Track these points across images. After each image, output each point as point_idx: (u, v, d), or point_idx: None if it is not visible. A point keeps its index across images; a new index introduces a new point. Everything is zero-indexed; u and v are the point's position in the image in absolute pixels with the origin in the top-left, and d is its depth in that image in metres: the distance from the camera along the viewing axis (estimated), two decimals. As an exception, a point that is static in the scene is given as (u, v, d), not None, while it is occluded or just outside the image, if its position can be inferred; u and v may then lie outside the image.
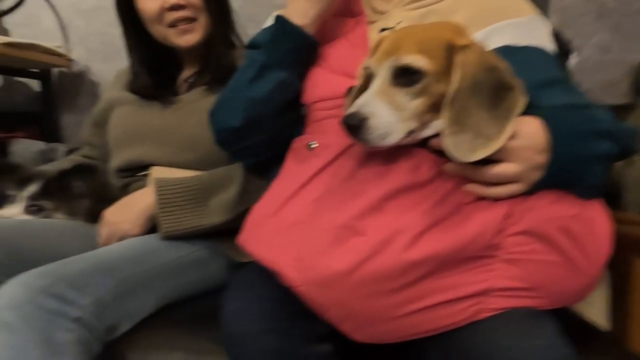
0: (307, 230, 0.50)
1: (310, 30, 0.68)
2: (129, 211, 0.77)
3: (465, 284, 0.47)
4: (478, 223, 0.46)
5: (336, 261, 0.46)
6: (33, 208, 0.78)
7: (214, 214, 0.77)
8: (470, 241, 0.46)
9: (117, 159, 0.91)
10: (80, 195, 0.82)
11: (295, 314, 0.49)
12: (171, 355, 0.58)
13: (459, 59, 0.45)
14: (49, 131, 1.61)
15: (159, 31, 0.88)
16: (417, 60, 0.45)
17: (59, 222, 0.79)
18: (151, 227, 0.81)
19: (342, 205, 0.50)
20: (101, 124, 1.00)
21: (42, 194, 0.79)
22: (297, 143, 0.71)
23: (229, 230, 0.81)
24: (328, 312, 0.47)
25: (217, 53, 0.89)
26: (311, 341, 0.48)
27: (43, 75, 1.56)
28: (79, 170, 0.82)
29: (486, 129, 0.43)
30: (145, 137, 0.89)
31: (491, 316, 0.47)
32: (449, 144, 0.44)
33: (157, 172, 0.88)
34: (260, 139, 0.72)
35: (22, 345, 0.48)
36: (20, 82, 1.67)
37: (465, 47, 0.46)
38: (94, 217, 0.82)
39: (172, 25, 0.86)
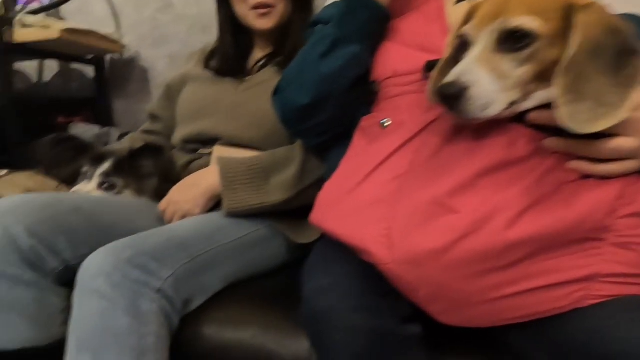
0: (394, 207, 0.48)
1: (384, 1, 0.65)
2: (191, 191, 0.78)
3: (569, 268, 0.43)
4: (587, 203, 0.43)
5: (428, 239, 0.44)
6: (105, 185, 0.81)
7: (275, 193, 0.77)
8: (578, 222, 0.43)
9: (185, 130, 0.92)
10: (149, 175, 0.83)
11: (383, 293, 0.47)
12: (246, 331, 0.58)
13: (580, 19, 0.40)
14: (102, 116, 1.67)
15: (241, 11, 0.92)
16: (529, 22, 0.41)
17: (130, 199, 0.82)
18: (210, 208, 0.83)
19: (430, 183, 0.47)
20: (172, 97, 1.02)
21: (113, 172, 0.81)
22: (367, 121, 0.69)
23: (286, 211, 0.82)
24: (417, 292, 0.45)
25: (294, 39, 0.91)
26: (401, 320, 0.46)
27: (97, 61, 1.62)
28: (148, 150, 0.84)
29: (608, 97, 0.39)
30: (214, 111, 0.90)
31: (596, 304, 0.43)
32: (564, 114, 0.41)
33: (219, 152, 0.89)
34: (326, 118, 0.70)
35: (112, 312, 0.50)
36: (75, 69, 1.74)
37: (586, 7, 0.41)
38: (160, 195, 0.84)
39: (254, 7, 0.90)
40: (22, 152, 1.29)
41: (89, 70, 1.68)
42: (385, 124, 0.64)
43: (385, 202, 0.48)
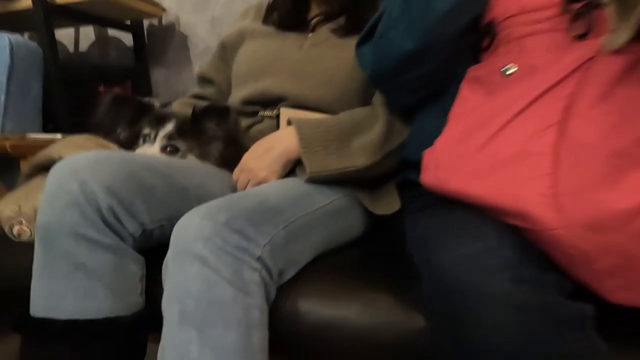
0: (558, 160, 0.39)
1: None
2: (266, 157, 0.70)
3: None
4: None
5: (616, 198, 0.35)
6: (169, 148, 0.74)
7: (359, 156, 0.69)
8: None
9: (244, 90, 0.84)
10: (213, 138, 0.76)
11: (542, 265, 0.39)
12: (349, 307, 0.52)
13: None
14: (141, 86, 1.61)
15: None
16: None
17: (197, 163, 0.75)
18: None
19: (608, 131, 0.39)
20: (227, 56, 0.94)
21: (177, 135, 0.73)
22: (480, 70, 0.59)
23: (363, 179, 0.74)
24: (594, 263, 0.37)
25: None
26: (568, 297, 0.38)
27: (135, 28, 1.55)
28: (213, 111, 0.76)
29: None
30: (278, 69, 0.82)
31: None
32: None
33: (287, 115, 0.81)
34: (430, 69, 0.61)
35: (216, 281, 0.43)
36: (113, 37, 1.67)
37: None
38: (225, 161, 0.77)
39: None
40: (69, 120, 1.25)
41: (127, 38, 1.62)
42: (509, 71, 0.55)
43: (543, 155, 0.40)
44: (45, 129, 1.18)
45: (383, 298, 0.52)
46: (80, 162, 0.52)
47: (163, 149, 0.72)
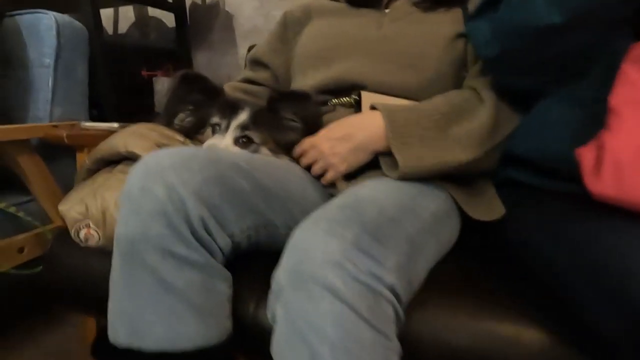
0: None
1: None
2: (344, 144, 0.60)
3: None
4: None
5: None
6: (243, 140, 0.65)
7: (460, 149, 0.58)
8: None
9: (314, 77, 0.73)
10: (290, 129, 0.66)
11: None
12: (490, 341, 0.42)
13: None
14: (184, 69, 1.54)
15: None
16: None
17: (273, 158, 0.65)
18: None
19: None
20: (289, 37, 0.83)
21: (251, 125, 0.64)
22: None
23: (459, 178, 0.64)
24: None
25: None
26: None
27: (177, 6, 1.45)
28: (292, 97, 0.66)
29: None
30: (355, 52, 0.71)
31: None
32: None
33: (371, 100, 0.71)
34: (573, 46, 0.49)
35: (353, 321, 0.35)
36: (153, 17, 1.59)
37: None
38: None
39: None
40: (113, 105, 1.18)
41: (168, 18, 1.53)
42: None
43: None
44: (89, 116, 1.12)
45: (528, 334, 0.43)
46: (165, 162, 0.44)
47: (236, 141, 0.64)
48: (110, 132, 0.74)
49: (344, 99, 0.72)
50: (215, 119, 0.65)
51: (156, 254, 0.41)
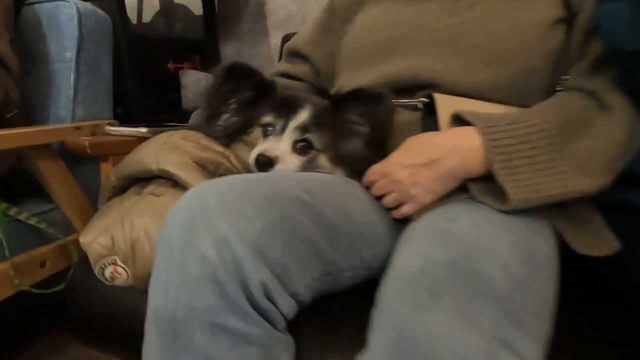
0: None
1: None
2: (428, 171, 0.48)
3: None
4: None
5: None
6: (301, 144, 0.54)
7: (580, 174, 0.45)
8: None
9: (369, 74, 0.61)
10: (354, 134, 0.55)
11: None
12: None
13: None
14: (211, 62, 1.44)
15: None
16: None
17: (330, 176, 0.54)
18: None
19: None
20: (336, 26, 0.71)
21: (313, 127, 0.54)
22: None
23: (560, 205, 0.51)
24: None
25: None
26: None
27: (205, -7, 1.36)
28: (360, 97, 0.54)
29: None
30: (422, 44, 0.59)
31: None
32: None
33: (449, 105, 0.59)
34: None
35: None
36: (179, 4, 1.49)
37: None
38: (360, 167, 0.57)
39: None
40: (140, 102, 1.10)
41: (195, 6, 1.43)
42: None
43: None
44: (114, 114, 1.04)
45: None
46: (213, 204, 0.35)
47: (294, 146, 0.53)
48: (139, 139, 0.65)
49: (406, 100, 0.60)
50: (267, 119, 0.55)
51: (205, 332, 0.32)
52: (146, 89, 1.12)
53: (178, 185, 0.47)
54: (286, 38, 1.15)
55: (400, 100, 0.62)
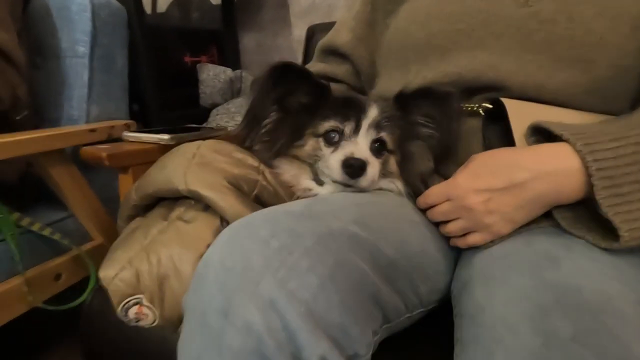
0: None
1: None
2: (510, 197, 0.40)
3: None
4: None
5: None
6: (377, 145, 0.48)
7: None
8: None
9: (422, 74, 0.54)
10: (420, 137, 0.49)
11: None
12: None
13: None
14: (229, 55, 1.36)
15: None
16: None
17: (382, 197, 0.46)
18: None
19: None
20: (379, 19, 0.63)
21: (385, 123, 0.47)
22: None
23: None
24: None
25: None
26: None
27: (223, -18, 1.28)
28: (428, 96, 0.48)
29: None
30: (487, 37, 0.51)
31: None
32: None
33: (519, 111, 0.51)
34: None
35: None
36: (196, -7, 1.42)
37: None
38: (424, 175, 0.49)
39: None
40: (157, 99, 1.03)
41: (213, -4, 1.36)
42: None
43: None
44: (129, 111, 0.97)
45: None
46: (254, 252, 0.29)
47: (371, 147, 0.47)
48: (161, 146, 0.58)
49: (468, 105, 0.51)
50: (330, 124, 0.47)
51: None
52: (162, 84, 1.05)
53: (210, 208, 0.41)
54: (311, 30, 1.06)
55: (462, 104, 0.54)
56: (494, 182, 0.41)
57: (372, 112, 0.47)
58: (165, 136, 0.56)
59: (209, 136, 0.63)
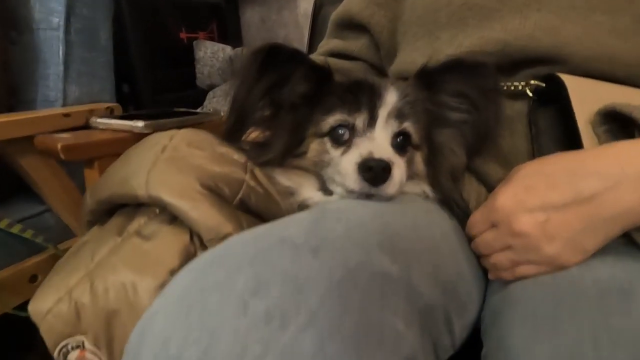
0: None
1: None
2: (579, 220, 0.29)
3: None
4: None
5: None
6: (400, 139, 0.37)
7: None
8: None
9: (456, 43, 0.43)
10: (451, 124, 0.39)
11: None
12: None
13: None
14: (230, 31, 1.25)
15: None
16: None
17: (409, 205, 0.35)
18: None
19: None
20: None
21: (409, 109, 0.37)
22: None
23: None
24: None
25: None
26: None
27: (222, -51, 1.16)
28: (457, 69, 0.37)
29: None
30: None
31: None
32: None
33: (579, 91, 0.39)
34: None
35: None
36: (194, -38, 1.30)
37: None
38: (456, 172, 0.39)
39: None
40: (149, 78, 0.94)
41: (212, -36, 1.24)
42: None
43: None
44: (117, 95, 0.88)
45: None
46: (220, 319, 0.20)
47: (393, 143, 0.37)
48: (136, 136, 0.49)
49: (511, 83, 0.41)
50: (336, 118, 0.37)
51: None
52: (154, 63, 0.95)
53: (178, 219, 0.32)
54: (319, 2, 0.95)
55: (505, 82, 0.43)
56: (551, 197, 0.31)
57: (391, 97, 0.37)
58: (140, 123, 0.47)
59: (194, 123, 0.54)
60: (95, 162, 0.46)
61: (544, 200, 0.30)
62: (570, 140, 0.35)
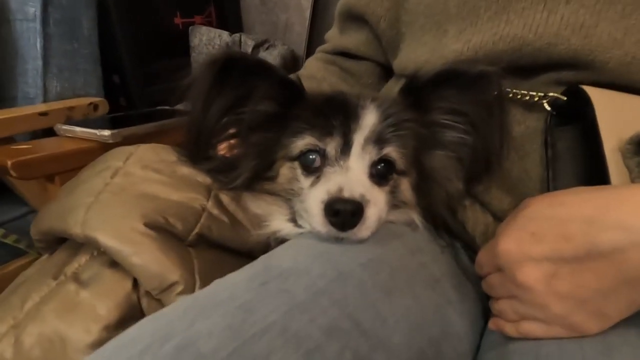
0: None
1: None
2: (597, 279, 0.23)
3: None
4: None
5: None
6: (380, 167, 0.32)
7: None
8: None
9: (464, 39, 0.37)
10: (446, 145, 0.33)
11: None
12: None
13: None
14: (229, 16, 1.18)
15: None
16: None
17: (382, 252, 0.30)
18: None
19: None
20: None
21: (389, 132, 0.31)
22: None
23: None
24: None
25: None
26: None
27: None
28: (451, 79, 0.32)
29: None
30: None
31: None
32: None
33: (608, 108, 0.33)
34: None
35: None
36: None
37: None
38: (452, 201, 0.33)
39: None
40: (139, 68, 0.89)
41: (208, -57, 1.15)
42: None
43: None
44: (107, 87, 0.84)
45: None
46: None
47: (370, 173, 0.31)
48: (102, 145, 0.45)
49: (522, 91, 0.35)
50: (305, 142, 0.32)
51: None
52: (146, 51, 0.90)
53: (119, 265, 0.28)
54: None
55: (511, 90, 0.37)
56: (562, 247, 0.25)
57: (369, 119, 0.31)
58: (106, 132, 0.42)
59: (173, 128, 0.49)
60: (55, 178, 0.42)
61: (553, 250, 0.25)
62: (593, 169, 0.29)
